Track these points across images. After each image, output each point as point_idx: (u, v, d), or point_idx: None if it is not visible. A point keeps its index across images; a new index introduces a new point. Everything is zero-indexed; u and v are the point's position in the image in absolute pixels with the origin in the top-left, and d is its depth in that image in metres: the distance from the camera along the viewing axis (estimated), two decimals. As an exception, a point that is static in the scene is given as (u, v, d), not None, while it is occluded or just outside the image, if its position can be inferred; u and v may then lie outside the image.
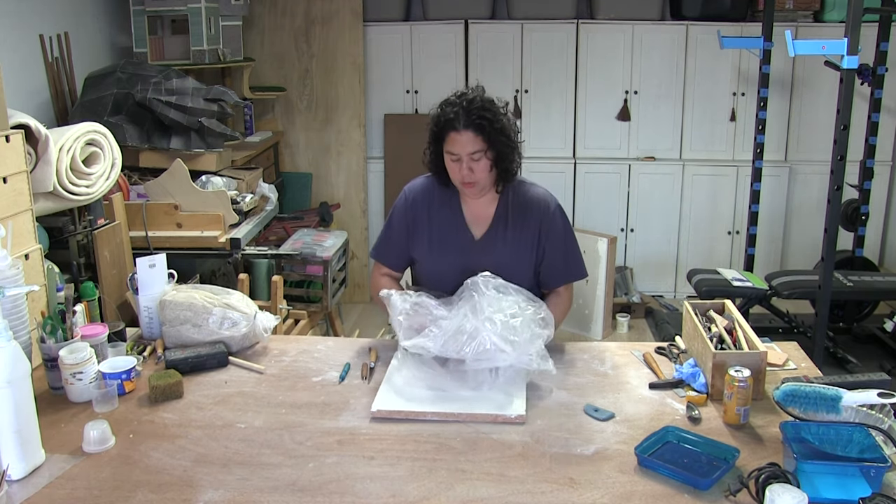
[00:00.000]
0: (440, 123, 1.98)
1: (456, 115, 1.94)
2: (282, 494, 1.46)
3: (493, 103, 1.98)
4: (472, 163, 1.96)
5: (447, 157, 2.00)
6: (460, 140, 1.94)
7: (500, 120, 1.96)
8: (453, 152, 1.97)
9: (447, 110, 1.97)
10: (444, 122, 1.96)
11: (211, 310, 2.08)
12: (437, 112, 2.01)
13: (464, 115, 1.93)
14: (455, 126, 1.94)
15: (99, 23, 4.05)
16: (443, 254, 2.11)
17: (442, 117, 1.97)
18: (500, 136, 1.96)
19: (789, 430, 1.53)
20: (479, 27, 4.91)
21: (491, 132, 1.94)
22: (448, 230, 2.11)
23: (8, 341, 1.51)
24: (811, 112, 4.86)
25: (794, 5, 4.70)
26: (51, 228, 2.52)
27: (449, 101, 2.00)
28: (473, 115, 1.93)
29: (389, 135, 5.07)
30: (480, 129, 1.93)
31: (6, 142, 2.03)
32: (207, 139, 3.63)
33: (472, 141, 1.94)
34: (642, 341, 3.97)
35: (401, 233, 2.16)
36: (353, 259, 4.98)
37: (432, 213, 2.12)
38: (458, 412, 1.73)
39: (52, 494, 1.47)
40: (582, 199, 5.07)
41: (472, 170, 1.96)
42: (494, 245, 2.09)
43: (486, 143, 1.95)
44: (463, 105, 1.94)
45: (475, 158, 1.95)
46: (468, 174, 1.97)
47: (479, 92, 2.00)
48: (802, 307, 4.48)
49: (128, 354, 2.02)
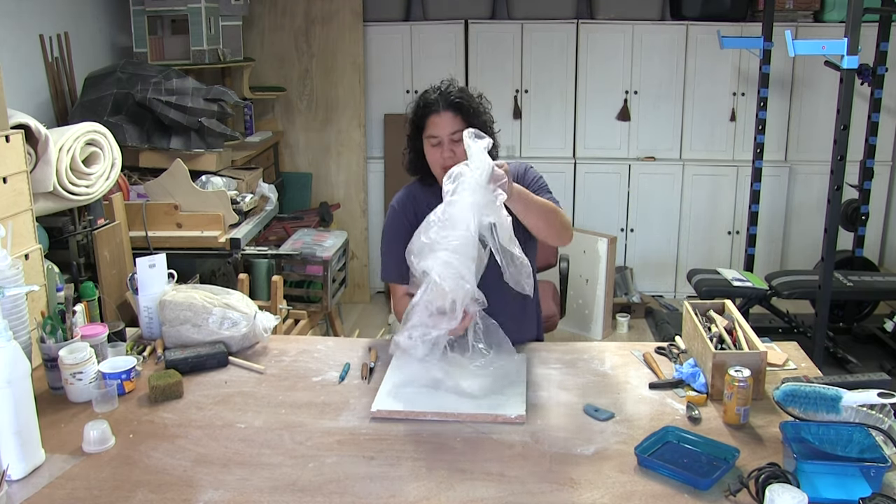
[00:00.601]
0: (419, 110, 2.05)
1: (435, 99, 2.02)
2: (282, 494, 1.46)
3: (466, 90, 2.06)
4: (453, 144, 2.00)
5: (428, 144, 2.05)
6: (440, 122, 2.00)
7: (477, 103, 2.05)
8: (434, 135, 2.02)
9: (425, 97, 2.05)
10: (423, 106, 2.04)
11: (211, 310, 2.09)
12: (414, 104, 2.08)
13: (442, 99, 2.01)
14: (435, 109, 2.00)
15: (99, 23, 4.05)
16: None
17: (421, 103, 2.05)
18: (478, 117, 2.03)
19: (789, 430, 1.54)
20: (479, 27, 4.91)
21: (470, 111, 2.01)
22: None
23: (8, 341, 1.51)
24: (811, 112, 4.86)
25: (794, 5, 4.70)
26: (51, 228, 2.52)
27: (425, 91, 2.08)
28: (452, 96, 2.01)
29: (389, 135, 5.07)
30: (459, 108, 2.00)
31: (6, 142, 2.03)
32: (207, 139, 3.63)
33: (452, 121, 2.00)
34: (642, 341, 3.96)
35: (400, 245, 2.08)
36: (353, 259, 4.98)
37: (420, 217, 2.06)
38: (458, 412, 1.73)
39: (52, 494, 1.47)
40: (582, 199, 5.07)
41: (453, 152, 2.00)
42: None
43: (465, 122, 1.99)
44: (441, 90, 2.03)
45: (455, 139, 1.99)
46: (450, 156, 2.00)
47: (453, 82, 2.09)
48: (802, 307, 4.48)
49: (128, 354, 2.02)
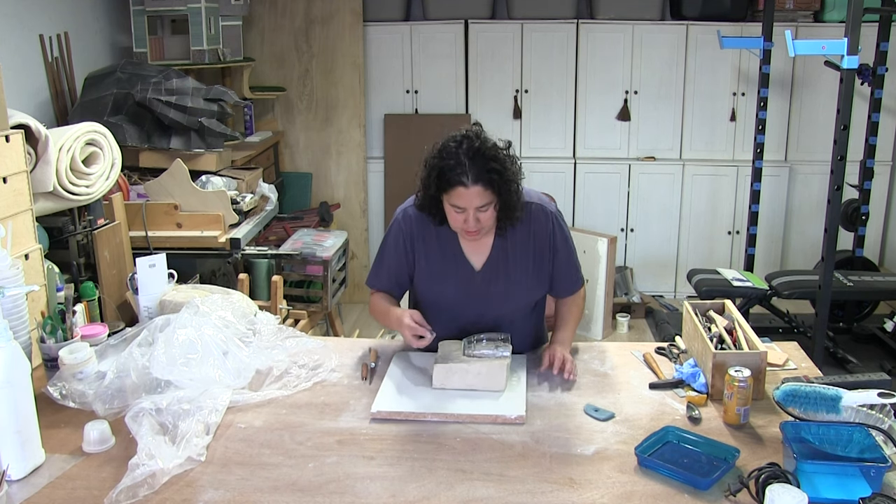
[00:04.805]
0: (445, 177, 1.82)
1: (463, 170, 1.80)
2: (282, 494, 1.46)
3: (496, 149, 1.85)
4: (479, 213, 1.85)
5: (450, 207, 1.87)
6: (468, 195, 1.81)
7: (507, 169, 1.84)
8: (459, 206, 1.84)
9: (451, 164, 1.81)
10: (449, 174, 1.81)
11: (211, 310, 2.08)
12: (437, 163, 1.84)
13: (472, 170, 1.79)
14: (463, 182, 1.80)
15: (99, 23, 4.05)
16: (442, 287, 2.03)
17: (447, 172, 1.81)
18: (508, 185, 1.85)
19: (789, 430, 1.54)
20: (479, 27, 4.91)
21: (500, 184, 1.83)
22: (446, 264, 2.01)
23: (8, 341, 1.51)
24: (811, 112, 4.86)
25: (794, 5, 4.70)
26: (51, 228, 2.52)
27: (449, 150, 1.83)
28: (482, 168, 1.80)
29: (389, 135, 5.07)
30: (490, 183, 1.81)
31: (6, 142, 2.03)
32: (207, 139, 3.63)
33: (481, 195, 1.82)
34: (642, 341, 3.97)
35: (392, 261, 2.05)
36: (352, 259, 4.98)
37: (429, 245, 2.01)
38: (458, 413, 1.73)
39: (52, 494, 1.47)
40: (582, 199, 5.07)
41: (478, 220, 1.86)
42: (496, 274, 2.00)
43: (494, 195, 1.84)
44: (469, 157, 1.80)
45: (482, 210, 1.85)
46: (474, 224, 1.86)
47: (480, 136, 1.85)
48: (802, 307, 4.48)
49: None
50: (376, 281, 2.11)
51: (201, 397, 1.71)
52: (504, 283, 2.01)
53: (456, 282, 2.01)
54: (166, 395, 1.71)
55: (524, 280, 2.02)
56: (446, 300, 2.02)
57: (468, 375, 1.83)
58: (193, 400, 1.69)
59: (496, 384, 1.83)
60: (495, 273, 2.00)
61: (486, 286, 2.01)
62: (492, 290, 2.00)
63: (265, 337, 2.06)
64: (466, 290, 2.01)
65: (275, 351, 2.01)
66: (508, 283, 2.01)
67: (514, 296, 2.02)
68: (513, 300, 2.03)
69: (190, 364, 1.78)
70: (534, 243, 2.00)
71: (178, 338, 1.81)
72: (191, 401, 1.69)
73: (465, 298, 2.01)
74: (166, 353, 1.77)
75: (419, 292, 2.10)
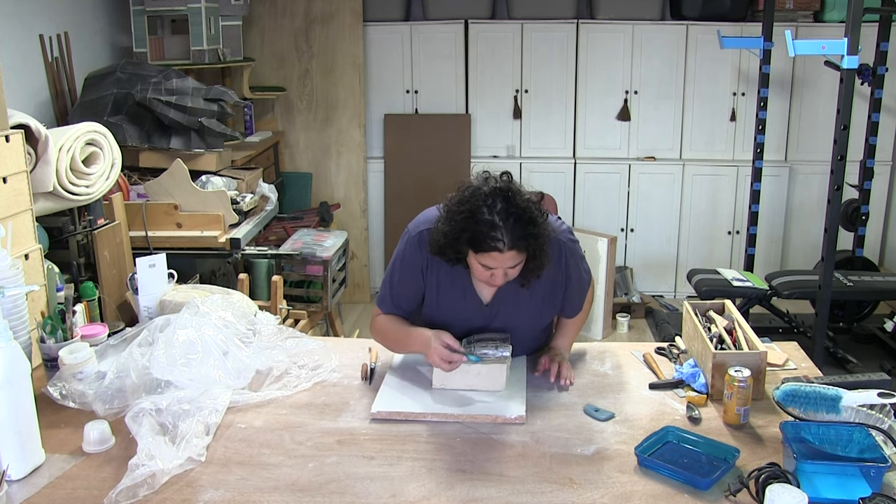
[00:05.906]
0: (477, 242, 1.73)
1: (499, 236, 1.71)
2: (282, 494, 1.46)
3: (531, 208, 1.75)
4: (509, 270, 1.79)
5: (477, 264, 1.78)
6: (502, 258, 1.74)
7: (542, 232, 1.76)
8: (490, 266, 1.76)
9: (485, 230, 1.71)
10: (483, 242, 1.72)
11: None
12: (470, 225, 1.73)
13: (508, 236, 1.71)
14: (499, 248, 1.71)
15: (99, 23, 4.05)
16: (449, 318, 1.95)
17: (481, 237, 1.72)
18: (542, 246, 1.78)
19: (789, 430, 1.54)
20: (479, 27, 4.91)
21: (535, 248, 1.76)
22: (454, 296, 1.94)
23: (8, 341, 1.51)
24: (811, 112, 4.86)
25: (794, 5, 4.70)
26: (51, 228, 2.52)
27: (481, 212, 1.72)
28: (519, 235, 1.72)
29: (389, 135, 5.07)
30: (526, 248, 1.75)
31: (6, 142, 2.03)
32: (207, 139, 3.63)
33: (515, 258, 1.75)
34: (642, 341, 3.97)
35: (417, 280, 1.94)
36: (352, 259, 4.98)
37: (440, 274, 1.93)
38: (458, 413, 1.74)
39: (52, 494, 1.47)
40: (582, 199, 5.07)
41: (506, 275, 1.80)
42: (505, 308, 1.94)
43: (526, 256, 1.78)
44: (505, 220, 1.71)
45: (513, 268, 1.79)
46: (501, 280, 1.80)
47: (513, 192, 1.75)
48: (802, 307, 4.48)
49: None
50: (391, 305, 1.98)
51: (201, 397, 1.71)
52: (514, 316, 1.96)
53: (463, 316, 1.95)
54: (166, 395, 1.71)
55: (535, 313, 1.98)
56: (451, 329, 1.92)
57: (468, 375, 1.83)
58: (193, 400, 1.69)
59: (496, 384, 1.83)
60: (504, 306, 1.94)
61: (493, 320, 1.95)
62: (499, 325, 1.95)
63: (265, 337, 2.06)
64: (473, 324, 1.96)
65: (275, 351, 2.00)
66: (518, 316, 1.96)
67: (522, 326, 1.98)
68: (520, 330, 1.98)
69: (190, 364, 1.78)
70: (546, 276, 1.91)
71: (178, 338, 1.81)
72: (191, 401, 1.69)
73: (470, 327, 1.96)
74: (166, 354, 1.77)
75: (424, 314, 2.02)
